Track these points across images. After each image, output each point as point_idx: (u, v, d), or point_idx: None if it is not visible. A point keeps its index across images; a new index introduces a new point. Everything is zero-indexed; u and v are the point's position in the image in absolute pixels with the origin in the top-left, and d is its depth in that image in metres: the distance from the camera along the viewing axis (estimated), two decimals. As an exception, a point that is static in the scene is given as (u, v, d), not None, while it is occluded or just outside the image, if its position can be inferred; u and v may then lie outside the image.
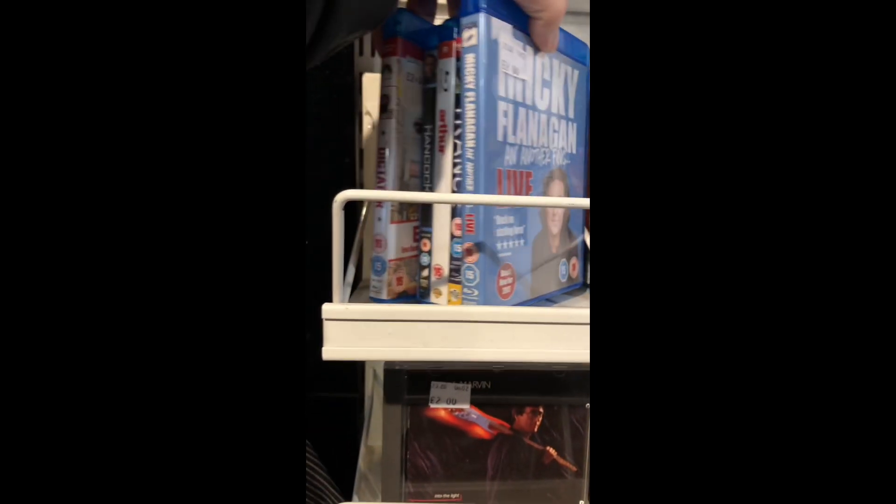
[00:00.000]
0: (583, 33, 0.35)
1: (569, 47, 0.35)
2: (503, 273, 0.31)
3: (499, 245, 0.30)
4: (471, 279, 0.30)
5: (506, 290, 0.31)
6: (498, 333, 0.31)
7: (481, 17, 0.27)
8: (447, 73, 0.31)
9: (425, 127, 0.33)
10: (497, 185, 0.29)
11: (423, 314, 0.30)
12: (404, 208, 0.33)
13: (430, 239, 0.33)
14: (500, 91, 0.29)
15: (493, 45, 0.28)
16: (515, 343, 0.31)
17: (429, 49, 0.32)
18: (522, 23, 0.30)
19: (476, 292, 0.30)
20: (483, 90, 0.28)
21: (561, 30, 0.34)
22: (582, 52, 0.37)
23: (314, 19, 0.23)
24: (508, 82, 0.29)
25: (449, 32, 0.31)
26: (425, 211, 0.33)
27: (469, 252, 0.30)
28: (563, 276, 0.37)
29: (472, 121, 0.28)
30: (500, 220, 0.30)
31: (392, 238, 0.32)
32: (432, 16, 0.35)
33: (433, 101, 0.32)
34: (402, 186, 0.32)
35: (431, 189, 0.32)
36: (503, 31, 0.28)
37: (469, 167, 0.29)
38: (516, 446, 0.37)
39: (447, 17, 0.34)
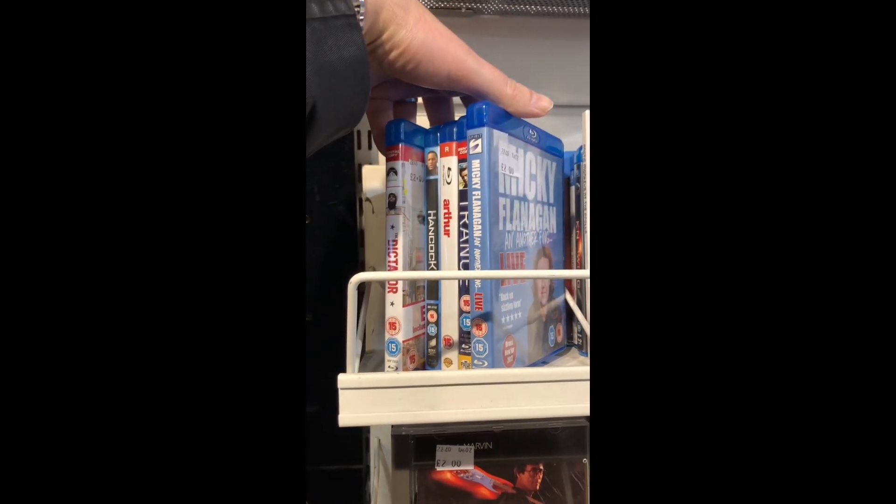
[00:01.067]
0: (558, 124, 0.42)
1: (547, 144, 0.41)
2: (507, 344, 0.35)
3: (503, 319, 0.34)
4: (480, 351, 0.33)
5: (509, 359, 0.35)
6: (498, 394, 0.34)
7: (485, 130, 0.32)
8: (449, 168, 0.36)
9: (429, 212, 0.37)
10: (500, 266, 0.34)
11: (428, 379, 0.33)
12: (413, 291, 0.36)
13: (436, 310, 0.37)
14: (501, 189, 0.34)
15: (494, 152, 0.33)
16: (514, 402, 0.34)
17: (429, 147, 0.37)
18: (514, 128, 0.36)
19: (486, 363, 0.33)
20: (487, 190, 0.33)
21: (539, 129, 0.40)
22: (558, 147, 0.43)
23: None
24: (506, 181, 0.35)
25: (449, 135, 0.36)
26: (431, 287, 0.37)
27: (478, 326, 0.34)
28: (551, 341, 0.42)
29: (479, 215, 0.33)
30: (503, 296, 0.34)
31: (404, 320, 0.35)
32: (415, 118, 0.41)
33: (436, 191, 0.37)
34: (411, 271, 0.36)
35: (437, 267, 0.37)
36: (502, 139, 0.34)
37: (477, 253, 0.33)
38: (519, 504, 0.40)
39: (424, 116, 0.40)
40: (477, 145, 0.33)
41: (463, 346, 0.35)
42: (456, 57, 0.32)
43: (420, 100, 0.40)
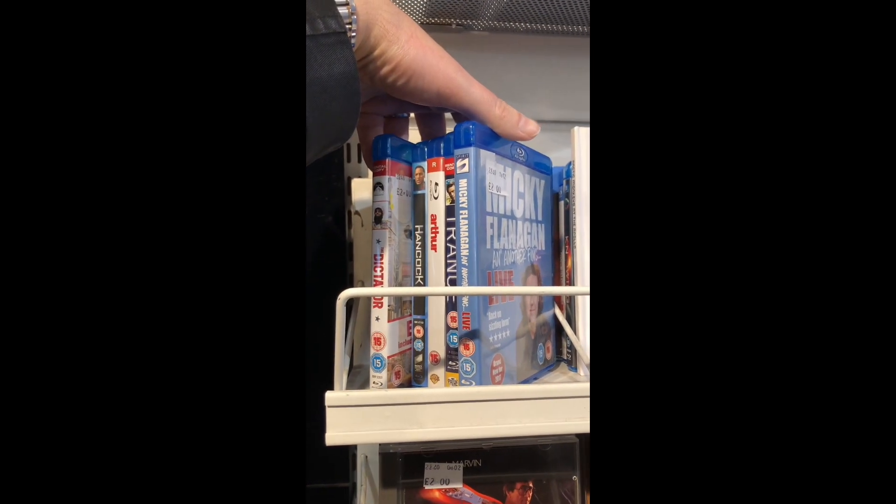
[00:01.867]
0: (546, 140, 0.42)
1: (535, 161, 0.42)
2: (495, 363, 0.35)
3: (491, 338, 0.34)
4: (468, 371, 0.33)
5: (497, 377, 0.35)
6: (487, 411, 0.34)
7: (472, 150, 0.32)
8: (437, 184, 0.36)
9: (416, 227, 0.37)
10: (488, 285, 0.34)
11: (417, 397, 0.33)
12: (399, 306, 0.36)
13: (423, 326, 0.37)
14: (488, 208, 0.34)
15: (482, 171, 0.33)
16: (503, 420, 0.34)
17: (416, 162, 0.37)
18: (502, 146, 0.36)
19: (473, 383, 0.33)
20: (475, 208, 0.33)
21: (526, 147, 0.40)
22: (546, 163, 0.44)
23: None
24: (494, 199, 0.35)
25: (436, 150, 0.36)
26: (418, 302, 0.37)
27: (466, 346, 0.33)
28: (540, 359, 0.42)
29: (466, 233, 0.33)
30: (491, 315, 0.34)
31: (390, 336, 0.35)
32: (406, 133, 0.41)
33: (423, 206, 0.37)
34: (397, 286, 0.36)
35: (424, 281, 0.36)
36: (489, 158, 0.34)
37: (464, 271, 0.33)
38: (508, 522, 0.40)
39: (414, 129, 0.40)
40: (464, 165, 0.33)
41: (450, 362, 0.35)
42: (446, 74, 0.32)
43: (412, 115, 0.40)
